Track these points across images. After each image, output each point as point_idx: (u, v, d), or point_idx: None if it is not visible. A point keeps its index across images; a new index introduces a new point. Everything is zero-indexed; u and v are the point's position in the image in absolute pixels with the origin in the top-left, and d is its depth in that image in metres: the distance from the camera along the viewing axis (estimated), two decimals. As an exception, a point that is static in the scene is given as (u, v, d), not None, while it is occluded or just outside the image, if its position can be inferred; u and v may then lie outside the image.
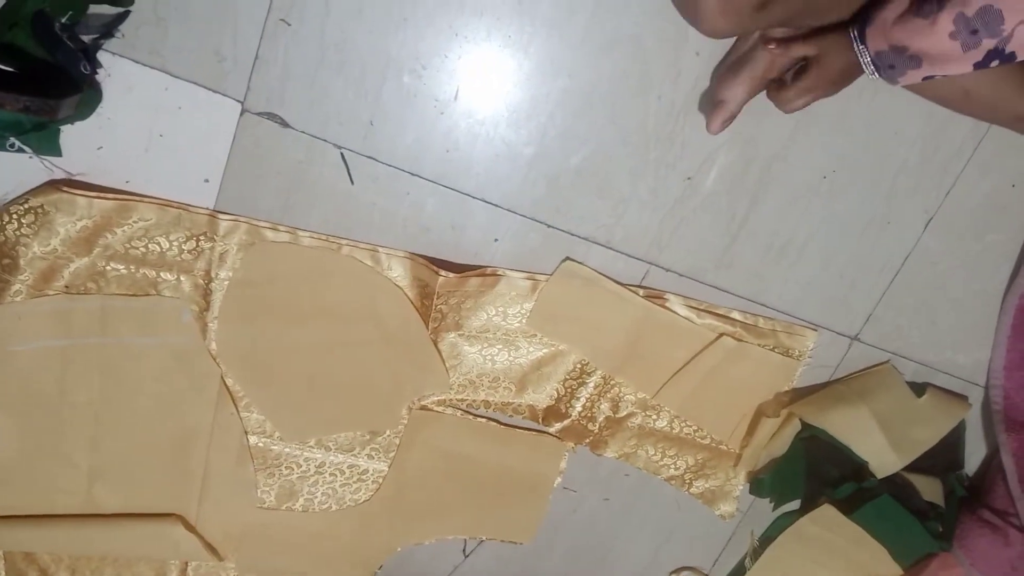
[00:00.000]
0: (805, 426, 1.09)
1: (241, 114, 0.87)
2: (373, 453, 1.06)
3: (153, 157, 0.87)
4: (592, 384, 1.07)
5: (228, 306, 0.94)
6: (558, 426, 1.08)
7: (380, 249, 0.95)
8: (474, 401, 1.06)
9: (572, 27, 0.87)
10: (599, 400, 1.08)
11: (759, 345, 1.06)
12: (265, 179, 0.90)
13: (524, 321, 1.02)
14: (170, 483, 1.00)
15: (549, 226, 0.98)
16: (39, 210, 0.85)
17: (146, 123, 0.86)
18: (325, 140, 0.89)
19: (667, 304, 1.03)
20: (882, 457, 1.09)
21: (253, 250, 0.92)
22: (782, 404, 1.11)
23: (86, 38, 0.78)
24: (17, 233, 0.86)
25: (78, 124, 0.83)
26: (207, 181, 0.89)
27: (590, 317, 1.03)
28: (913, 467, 1.11)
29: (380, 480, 1.07)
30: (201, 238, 0.91)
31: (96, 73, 0.80)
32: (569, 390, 1.07)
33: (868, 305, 1.10)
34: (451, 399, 1.06)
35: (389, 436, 1.06)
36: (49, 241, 0.87)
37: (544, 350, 1.05)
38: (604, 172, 0.95)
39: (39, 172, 0.85)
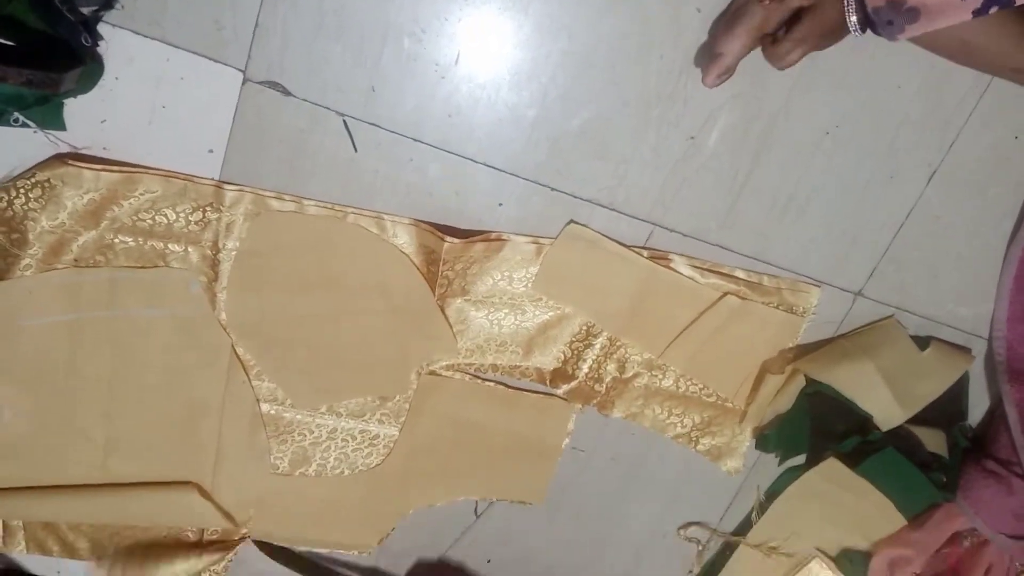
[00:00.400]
0: (810, 382, 1.10)
1: (243, 83, 0.87)
2: (384, 418, 1.08)
3: (156, 129, 0.87)
4: (598, 346, 1.08)
5: (236, 276, 0.95)
6: (565, 388, 1.09)
7: (385, 216, 0.95)
8: (482, 365, 1.08)
9: (571, -13, 0.87)
10: (605, 361, 1.09)
11: (763, 303, 1.07)
12: (268, 148, 0.91)
13: (530, 285, 1.03)
14: (184, 453, 1.02)
15: (552, 189, 0.98)
16: (46, 184, 0.86)
17: (148, 95, 0.86)
18: (327, 108, 0.89)
19: (671, 264, 1.04)
20: (887, 410, 1.10)
21: (259, 220, 0.93)
22: (787, 361, 1.12)
23: (85, 10, 0.78)
24: (25, 208, 0.86)
25: (81, 98, 0.83)
26: (211, 151, 0.90)
27: (595, 279, 1.03)
28: (917, 419, 1.12)
29: (391, 445, 1.09)
30: (207, 209, 0.91)
31: (97, 45, 0.80)
32: (575, 352, 1.08)
33: (871, 260, 1.10)
34: (459, 364, 1.07)
35: (399, 401, 1.07)
36: (57, 215, 0.88)
37: (550, 313, 1.06)
38: (606, 133, 0.95)
39: (44, 146, 0.86)
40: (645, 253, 1.03)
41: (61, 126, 0.84)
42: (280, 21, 0.84)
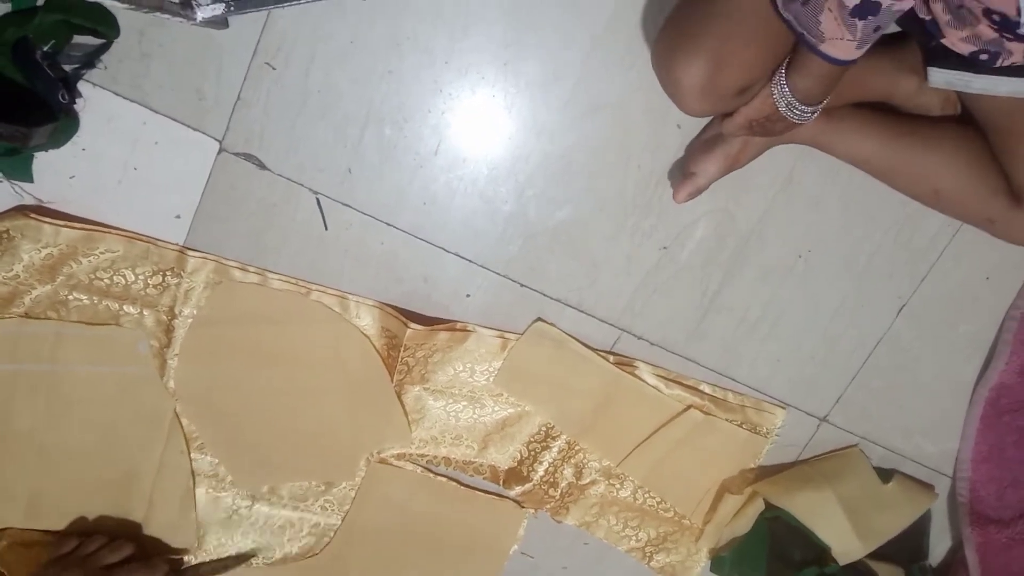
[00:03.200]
0: (769, 506, 1.08)
1: (218, 153, 0.86)
2: (327, 505, 1.03)
3: (126, 189, 0.86)
4: (556, 448, 1.05)
5: (190, 344, 0.92)
6: (519, 489, 1.06)
7: (350, 296, 0.94)
8: (435, 457, 1.04)
9: (556, 91, 0.88)
10: (562, 465, 1.06)
11: (727, 420, 1.05)
12: (238, 219, 0.90)
13: (492, 379, 1.01)
14: (109, 520, 0.97)
15: (522, 285, 0.97)
16: (5, 235, 0.84)
17: (122, 155, 0.85)
18: (301, 184, 0.89)
19: (636, 372, 1.02)
20: (846, 543, 1.07)
21: (219, 289, 0.91)
22: (747, 481, 1.09)
23: (67, 67, 0.78)
24: (-20, 257, 0.84)
25: (52, 152, 0.83)
26: (179, 217, 0.89)
27: (558, 380, 1.01)
28: (877, 555, 1.09)
29: (331, 534, 1.05)
30: (168, 273, 0.90)
31: (74, 102, 0.80)
32: (532, 453, 1.05)
33: (838, 387, 1.09)
34: (411, 454, 1.03)
35: (345, 488, 1.03)
36: (12, 266, 0.85)
37: (510, 410, 1.04)
38: (580, 236, 0.95)
39: (8, 197, 0.84)
40: (611, 358, 1.01)
41: (29, 178, 0.83)
42: (263, 96, 0.84)
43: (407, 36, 0.84)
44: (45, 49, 0.75)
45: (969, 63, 0.72)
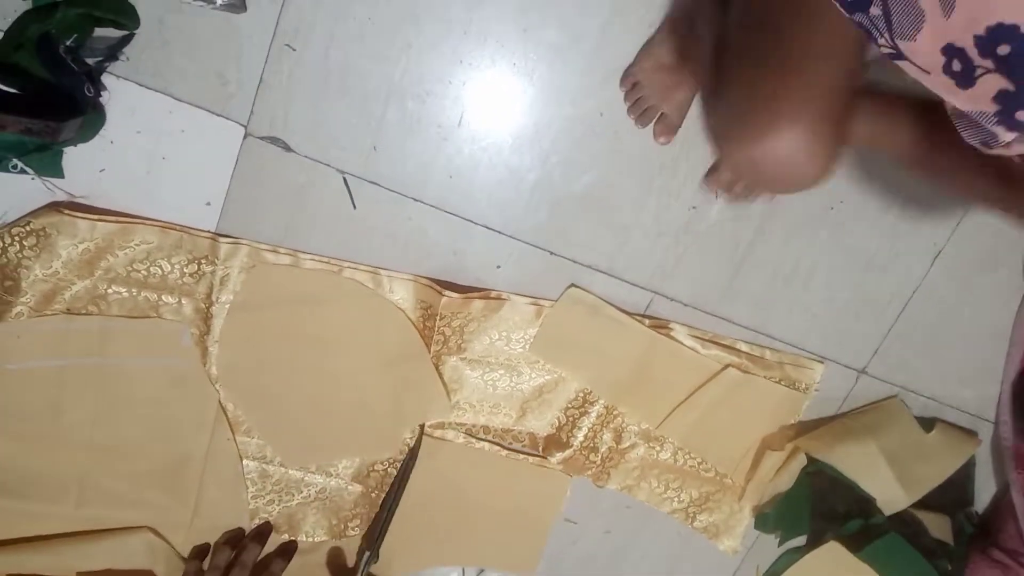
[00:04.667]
0: (811, 460, 1.07)
1: (244, 138, 0.87)
2: (376, 478, 1.05)
3: (155, 180, 0.87)
4: (594, 413, 1.05)
5: (229, 330, 0.93)
6: (559, 456, 1.06)
7: (382, 271, 0.94)
8: (473, 426, 1.05)
9: (576, 55, 0.87)
10: (602, 430, 1.06)
11: (765, 377, 1.05)
12: (267, 203, 0.90)
13: (527, 347, 1.01)
14: (162, 508, 0.99)
15: (552, 253, 0.97)
16: (41, 232, 0.85)
17: (149, 146, 0.86)
18: (328, 164, 0.89)
19: (672, 334, 1.02)
20: (890, 493, 1.07)
21: (254, 273, 0.92)
22: (788, 437, 1.09)
23: (90, 60, 0.79)
24: (19, 255, 0.86)
25: (81, 146, 0.84)
26: (209, 204, 0.89)
27: (594, 345, 1.02)
28: (922, 504, 1.09)
29: (378, 507, 1.06)
30: (203, 261, 0.91)
31: (100, 95, 0.81)
32: (571, 419, 1.06)
33: (875, 338, 1.08)
34: (450, 423, 1.04)
35: (392, 462, 1.04)
36: (51, 263, 0.87)
37: (547, 377, 1.04)
38: (607, 199, 0.95)
39: (41, 193, 0.85)
40: (646, 321, 1.01)
41: (59, 174, 0.84)
42: (285, 78, 0.84)
43: (424, 8, 0.83)
44: (68, 43, 0.75)
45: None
